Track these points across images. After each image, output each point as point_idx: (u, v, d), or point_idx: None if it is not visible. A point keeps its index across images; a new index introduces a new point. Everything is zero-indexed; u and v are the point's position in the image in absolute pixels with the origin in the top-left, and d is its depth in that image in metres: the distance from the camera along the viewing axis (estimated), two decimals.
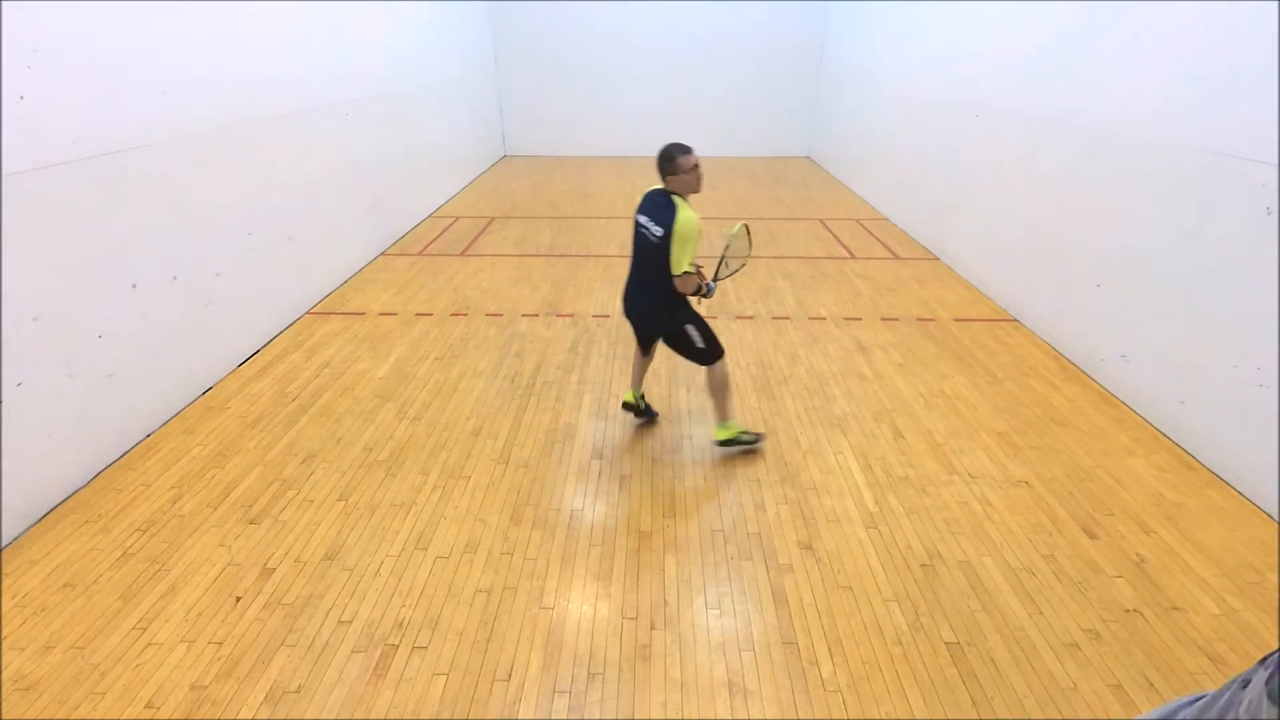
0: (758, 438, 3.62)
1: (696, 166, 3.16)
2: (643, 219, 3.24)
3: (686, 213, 3.06)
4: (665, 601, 2.66)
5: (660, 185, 3.24)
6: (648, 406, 3.87)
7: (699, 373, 4.39)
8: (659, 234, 3.13)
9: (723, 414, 3.54)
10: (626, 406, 3.80)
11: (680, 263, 3.10)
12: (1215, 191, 3.42)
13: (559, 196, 9.22)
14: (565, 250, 6.92)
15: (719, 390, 3.48)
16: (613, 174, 10.67)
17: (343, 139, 5.92)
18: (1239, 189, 3.28)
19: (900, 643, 2.48)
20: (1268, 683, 1.01)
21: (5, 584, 2.72)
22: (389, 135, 6.95)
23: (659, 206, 3.18)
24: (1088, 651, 2.44)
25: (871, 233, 7.61)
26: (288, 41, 5.03)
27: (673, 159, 3.12)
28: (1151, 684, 2.32)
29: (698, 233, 3.07)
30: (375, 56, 6.64)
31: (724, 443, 3.58)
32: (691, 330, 3.37)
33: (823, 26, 11.30)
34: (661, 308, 3.34)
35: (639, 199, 3.35)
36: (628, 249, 6.87)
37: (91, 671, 2.35)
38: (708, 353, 3.40)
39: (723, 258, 3.41)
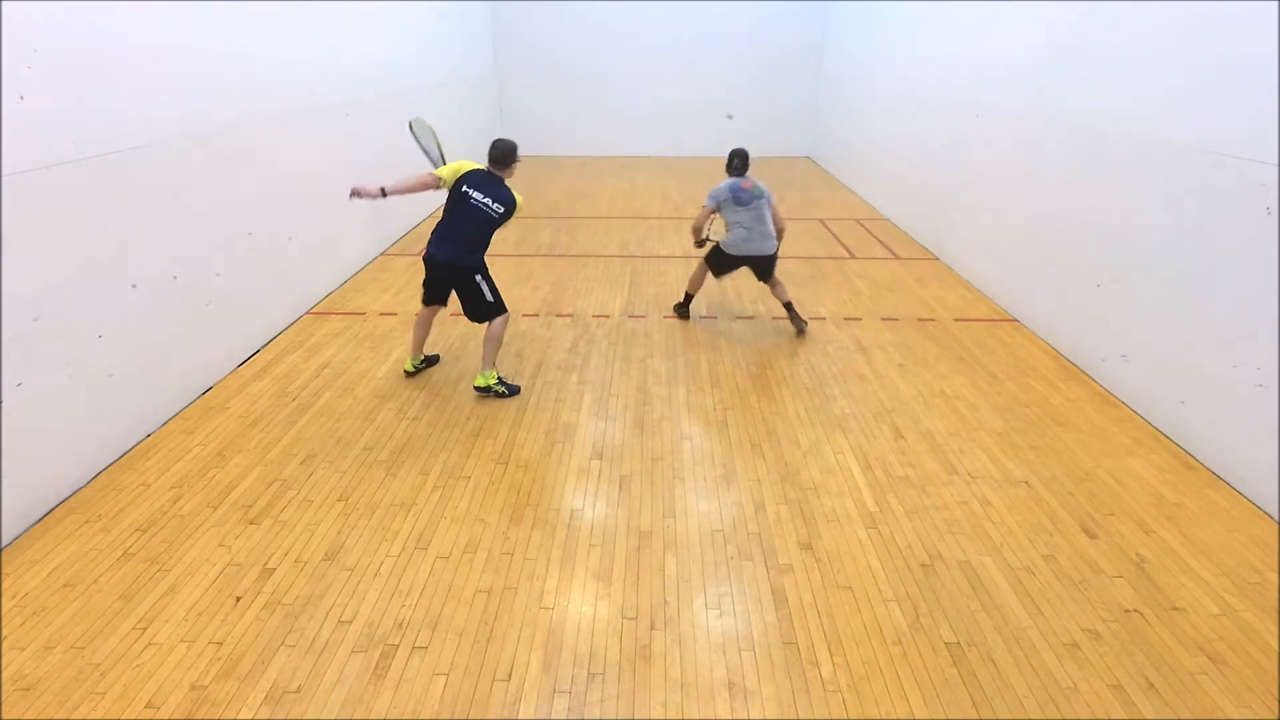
0: (513, 390, 4.13)
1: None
2: (478, 194, 3.93)
3: (519, 196, 4.04)
4: (665, 601, 2.66)
5: (487, 167, 4.05)
6: (429, 358, 4.51)
7: (699, 372, 4.40)
8: (501, 211, 3.94)
9: (487, 363, 4.08)
10: (409, 374, 4.35)
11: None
12: (1215, 191, 3.42)
13: (559, 196, 9.22)
14: (565, 250, 6.92)
15: (494, 342, 4.06)
16: (613, 174, 10.67)
17: (343, 139, 5.92)
18: (1239, 189, 3.28)
19: (900, 643, 2.48)
20: None
21: (5, 584, 2.72)
22: (389, 135, 6.94)
23: (497, 186, 3.97)
24: (1088, 651, 2.44)
25: (871, 233, 7.61)
26: (288, 42, 5.03)
27: (514, 156, 4.06)
28: (1151, 684, 2.32)
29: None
30: (375, 56, 6.64)
31: (480, 389, 4.09)
32: (482, 282, 4.00)
33: (823, 26, 11.30)
34: (478, 262, 3.99)
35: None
36: (629, 248, 6.95)
37: (91, 671, 2.35)
38: (495, 306, 4.05)
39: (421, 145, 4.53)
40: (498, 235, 4.11)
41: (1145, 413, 3.90)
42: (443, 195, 4.06)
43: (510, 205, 3.97)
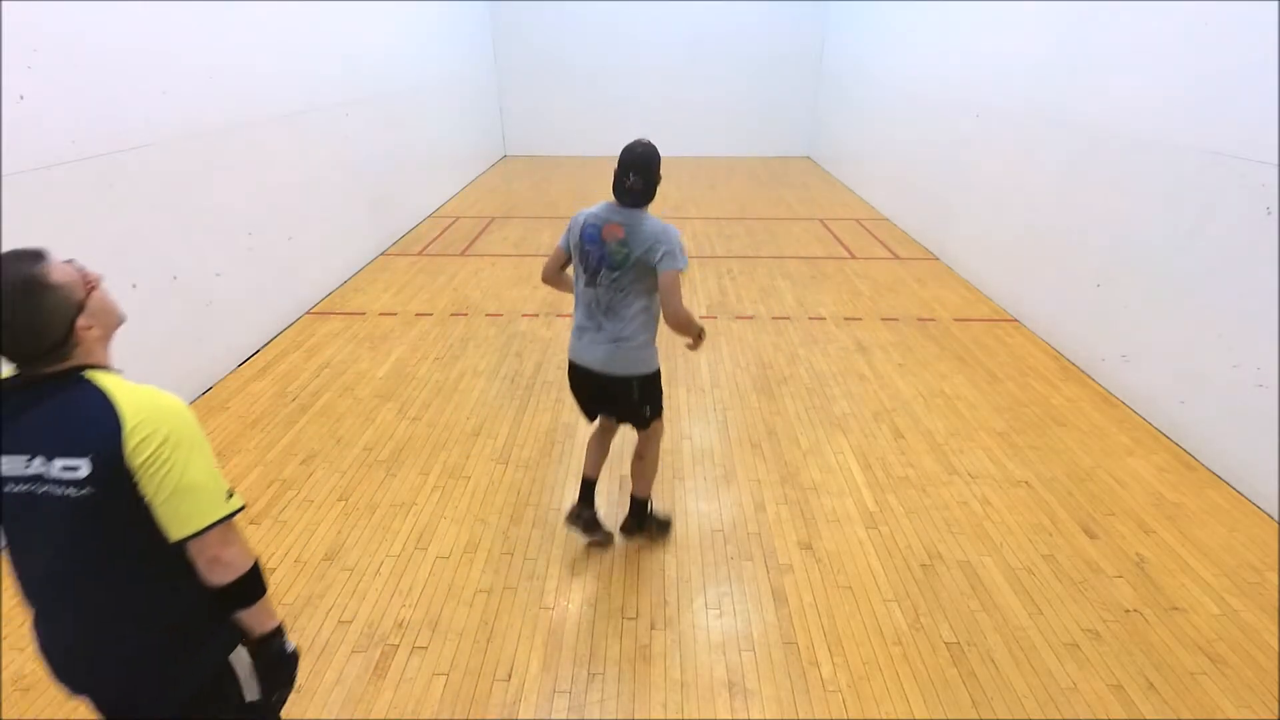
0: None
1: None
2: None
3: None
4: (665, 601, 2.66)
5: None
6: None
7: (699, 372, 4.41)
8: None
9: None
10: None
11: None
12: (1215, 191, 3.42)
13: (559, 196, 9.22)
14: None
15: None
16: (612, 174, 10.64)
17: (343, 139, 5.92)
18: (1239, 189, 3.28)
19: (900, 643, 2.48)
20: None
21: (5, 583, 2.72)
22: (389, 135, 6.95)
23: None
24: (1088, 651, 2.44)
25: (871, 233, 7.61)
26: (288, 41, 5.03)
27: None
28: (1151, 684, 2.32)
29: None
30: (375, 56, 6.63)
31: None
32: None
33: (823, 26, 11.29)
34: None
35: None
36: None
37: None
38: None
39: None
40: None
41: (1145, 413, 3.90)
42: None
43: None
